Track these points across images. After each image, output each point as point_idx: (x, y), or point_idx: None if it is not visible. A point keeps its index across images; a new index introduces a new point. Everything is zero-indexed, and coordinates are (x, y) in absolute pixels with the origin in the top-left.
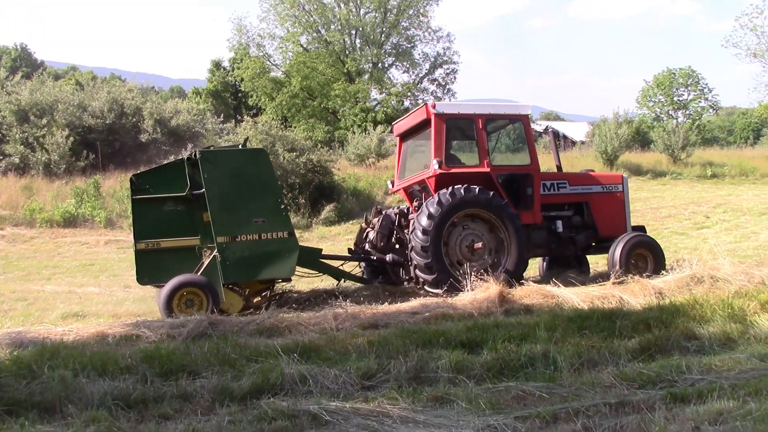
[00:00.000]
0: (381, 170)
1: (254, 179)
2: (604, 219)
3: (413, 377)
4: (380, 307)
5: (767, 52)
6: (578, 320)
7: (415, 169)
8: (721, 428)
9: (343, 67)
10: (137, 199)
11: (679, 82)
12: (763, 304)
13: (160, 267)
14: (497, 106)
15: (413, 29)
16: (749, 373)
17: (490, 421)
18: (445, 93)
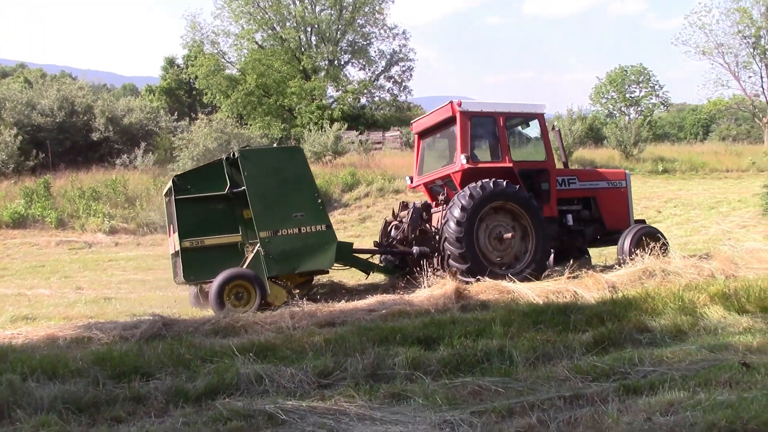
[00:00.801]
0: (338, 168)
1: (292, 175)
2: (610, 213)
3: (370, 374)
4: (337, 305)
5: (715, 49)
6: (533, 315)
7: (434, 165)
8: (672, 419)
9: (299, 64)
10: (180, 199)
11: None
12: (713, 296)
13: (205, 264)
14: (515, 105)
15: (369, 26)
16: (699, 364)
17: (447, 417)
18: (402, 90)
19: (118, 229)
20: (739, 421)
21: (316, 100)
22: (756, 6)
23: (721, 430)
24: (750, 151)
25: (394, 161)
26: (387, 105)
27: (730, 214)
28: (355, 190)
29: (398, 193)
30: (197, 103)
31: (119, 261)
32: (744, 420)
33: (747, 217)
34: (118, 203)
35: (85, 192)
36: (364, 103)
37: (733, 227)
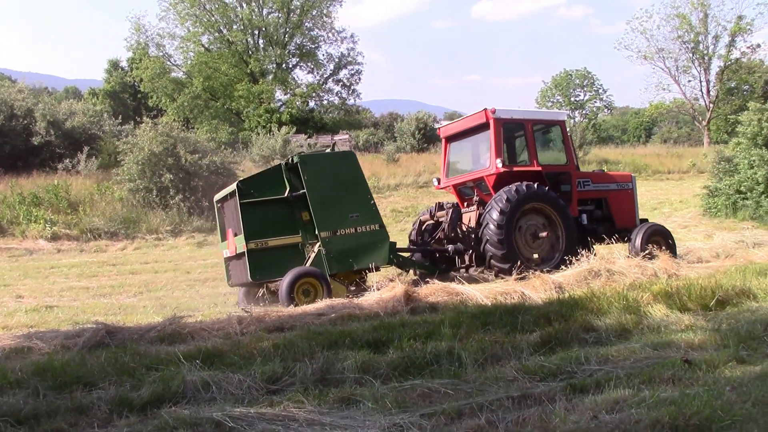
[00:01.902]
0: None
1: (347, 178)
2: (619, 213)
3: (319, 379)
4: (286, 310)
5: (656, 54)
6: (482, 316)
7: (461, 168)
8: (618, 416)
9: (247, 67)
10: (245, 203)
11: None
12: (656, 295)
13: (270, 264)
14: (540, 112)
15: (317, 30)
16: (643, 362)
17: (396, 420)
18: (350, 94)
19: (60, 235)
20: (682, 417)
21: (264, 103)
22: (694, 12)
23: (665, 426)
24: (690, 153)
25: None
26: (336, 108)
27: (671, 215)
28: None
29: None
30: (142, 107)
31: (61, 268)
32: (686, 416)
33: (688, 217)
34: (61, 209)
35: (26, 198)
36: (312, 106)
37: (675, 227)
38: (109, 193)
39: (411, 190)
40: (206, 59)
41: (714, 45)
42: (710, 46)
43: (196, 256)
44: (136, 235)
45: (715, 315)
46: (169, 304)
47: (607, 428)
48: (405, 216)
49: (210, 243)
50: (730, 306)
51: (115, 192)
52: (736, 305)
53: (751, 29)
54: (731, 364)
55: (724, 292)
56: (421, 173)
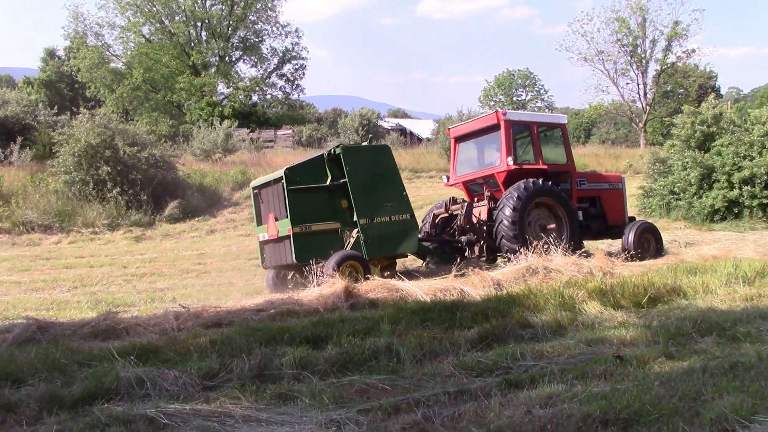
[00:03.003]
0: (228, 166)
1: (383, 170)
2: (611, 210)
3: (257, 375)
4: (224, 305)
5: (596, 56)
6: (421, 313)
7: (470, 166)
8: (551, 411)
9: (189, 59)
10: (292, 189)
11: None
12: (591, 292)
13: (312, 247)
14: (544, 115)
15: (261, 23)
16: (577, 357)
17: (333, 416)
18: (294, 89)
19: None
20: (612, 411)
21: (206, 96)
22: (633, 16)
23: (596, 420)
24: (627, 154)
25: (286, 160)
26: (279, 103)
27: None
28: (245, 189)
29: None
30: (80, 97)
31: None
32: (617, 410)
33: None
34: None
35: None
36: (255, 100)
37: None
38: (43, 185)
39: None
40: (147, 50)
41: (651, 49)
42: (648, 50)
43: (133, 250)
44: (71, 229)
45: (646, 312)
46: (105, 300)
47: (540, 423)
48: None
49: (148, 237)
50: (661, 303)
51: (49, 184)
52: (667, 303)
53: (686, 34)
54: (660, 359)
55: (656, 290)
56: None
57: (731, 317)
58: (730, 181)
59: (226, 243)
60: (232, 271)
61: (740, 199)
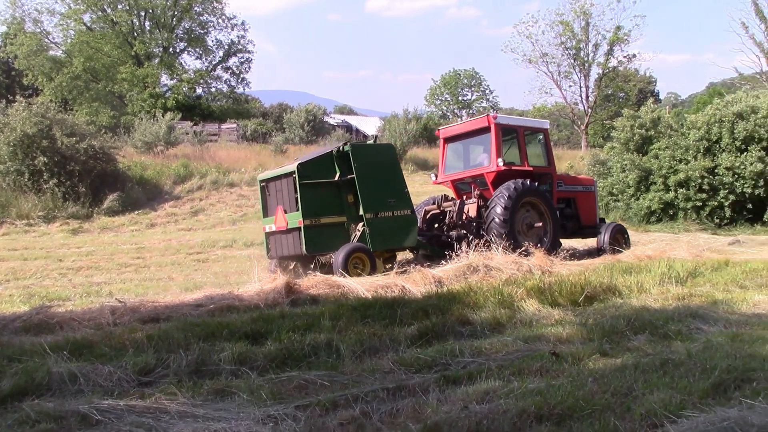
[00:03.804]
0: (170, 159)
1: (387, 167)
2: (584, 211)
3: (194, 371)
4: (162, 300)
5: (540, 58)
6: (362, 309)
7: (459, 165)
8: (487, 406)
9: (131, 49)
10: (303, 183)
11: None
12: (529, 290)
13: (321, 239)
14: (528, 120)
15: (207, 15)
16: (514, 354)
17: (271, 412)
18: (240, 82)
19: None
20: (547, 406)
21: (148, 87)
22: (577, 20)
23: (530, 415)
24: (569, 156)
25: (230, 154)
26: (224, 96)
27: None
28: (187, 183)
29: (233, 187)
30: (16, 85)
31: None
32: (551, 405)
33: None
34: None
35: None
36: (200, 93)
37: None
38: None
39: None
40: (88, 39)
41: (594, 53)
42: (590, 53)
43: (70, 243)
44: (4, 221)
45: (583, 310)
46: (38, 293)
47: (476, 418)
48: None
49: (86, 230)
50: (597, 302)
51: None
52: (603, 301)
53: (628, 39)
54: (595, 356)
55: (592, 288)
56: None
57: (663, 316)
58: (666, 183)
59: (166, 237)
60: (171, 266)
61: (675, 202)
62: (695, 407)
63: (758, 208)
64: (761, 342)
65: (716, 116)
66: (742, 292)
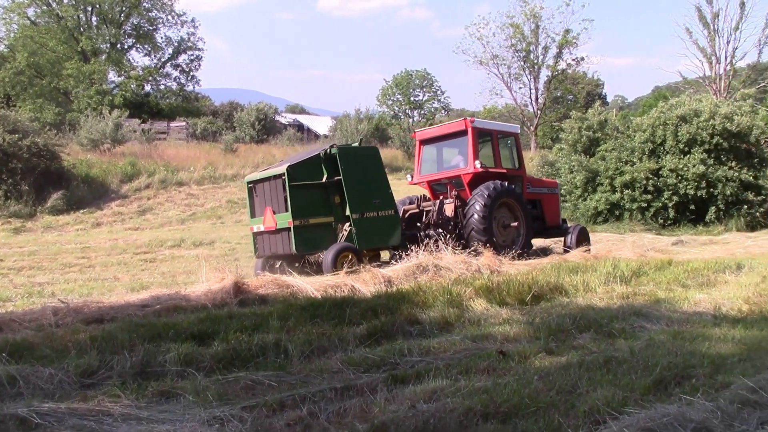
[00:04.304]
0: (117, 157)
1: (372, 169)
2: (549, 213)
3: (139, 372)
4: (107, 301)
5: (491, 60)
6: (311, 309)
7: (435, 167)
8: (434, 405)
9: (77, 45)
10: (293, 185)
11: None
12: (478, 290)
13: (310, 239)
14: (501, 124)
15: (156, 11)
16: (462, 353)
17: (217, 413)
18: (189, 80)
19: None
20: (493, 405)
21: (95, 84)
22: (527, 23)
23: (477, 413)
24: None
25: (179, 152)
26: (173, 94)
27: None
28: (135, 181)
29: (182, 186)
30: None
31: None
32: (497, 404)
33: None
34: None
35: None
36: (148, 90)
37: None
38: None
39: None
40: (32, 33)
41: (543, 55)
42: (540, 56)
43: (11, 243)
44: None
45: (530, 309)
46: None
47: (423, 417)
48: (241, 207)
49: (29, 229)
50: (544, 301)
51: None
52: (550, 300)
53: (576, 43)
54: (541, 355)
55: (540, 287)
56: (259, 164)
57: (608, 314)
58: (612, 184)
59: (112, 236)
60: (117, 266)
61: (621, 202)
62: (637, 404)
63: (700, 209)
64: (701, 339)
65: (661, 119)
66: (684, 291)
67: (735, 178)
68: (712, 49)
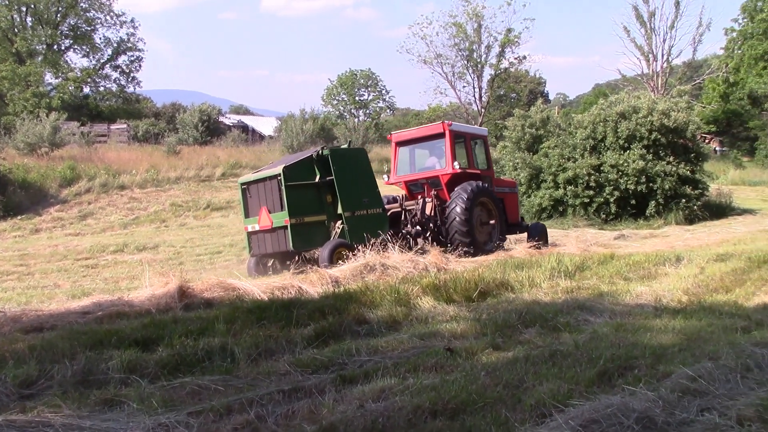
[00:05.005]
0: (55, 161)
1: (361, 169)
2: (510, 210)
3: (80, 381)
4: (47, 309)
5: (435, 59)
6: (257, 311)
7: (410, 168)
8: (383, 404)
9: (12, 46)
10: (289, 185)
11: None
12: (425, 288)
13: (305, 236)
14: (473, 127)
15: (93, 11)
16: (410, 351)
17: (162, 420)
18: (130, 81)
19: None
20: (441, 401)
21: (31, 86)
22: (469, 22)
23: (425, 411)
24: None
25: (120, 155)
26: (113, 96)
27: None
28: (75, 185)
29: (124, 189)
30: None
31: None
32: (445, 400)
33: None
34: None
35: None
36: (87, 92)
37: None
38: None
39: (192, 184)
40: None
41: (486, 54)
42: (483, 55)
43: None
44: None
45: (477, 306)
46: None
47: (371, 416)
48: (185, 210)
49: None
50: (490, 297)
51: None
52: (496, 296)
53: (518, 42)
54: (488, 350)
55: (486, 284)
56: (203, 166)
57: (553, 309)
58: (555, 181)
59: (52, 243)
60: (58, 273)
61: (565, 198)
62: (581, 396)
63: (641, 204)
64: (643, 331)
65: (601, 116)
66: (626, 284)
67: (673, 172)
68: (650, 47)
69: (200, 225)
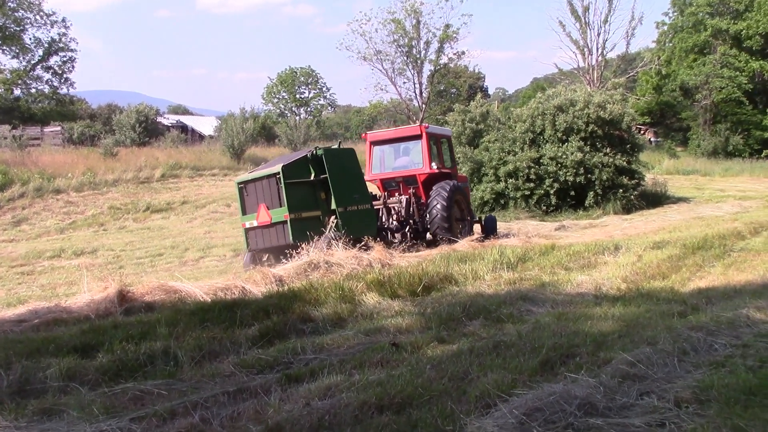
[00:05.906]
0: None
1: (351, 167)
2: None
3: (17, 391)
4: None
5: (375, 56)
6: (200, 313)
7: (385, 167)
8: (329, 402)
9: None
10: (288, 183)
11: (300, 81)
12: (369, 284)
13: (303, 230)
14: (442, 129)
15: (22, 11)
16: (356, 348)
17: (104, 427)
18: (63, 83)
19: None
20: (387, 396)
21: None
22: (408, 18)
23: (372, 406)
24: None
25: (54, 159)
26: (46, 98)
27: None
28: (7, 191)
29: (60, 193)
30: None
31: None
32: (391, 395)
33: None
34: None
35: None
36: (18, 94)
37: None
38: None
39: (131, 186)
40: None
41: (425, 50)
42: (422, 51)
43: None
44: None
45: (421, 300)
46: None
47: (318, 414)
48: (124, 213)
49: None
50: (435, 291)
51: None
52: (440, 290)
53: (457, 37)
54: (433, 344)
55: (430, 278)
56: (142, 168)
57: (496, 300)
58: (496, 174)
59: None
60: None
61: (506, 191)
62: (525, 385)
63: (580, 195)
64: (584, 319)
65: (539, 109)
66: (567, 274)
67: (610, 163)
68: (585, 41)
69: (140, 228)
